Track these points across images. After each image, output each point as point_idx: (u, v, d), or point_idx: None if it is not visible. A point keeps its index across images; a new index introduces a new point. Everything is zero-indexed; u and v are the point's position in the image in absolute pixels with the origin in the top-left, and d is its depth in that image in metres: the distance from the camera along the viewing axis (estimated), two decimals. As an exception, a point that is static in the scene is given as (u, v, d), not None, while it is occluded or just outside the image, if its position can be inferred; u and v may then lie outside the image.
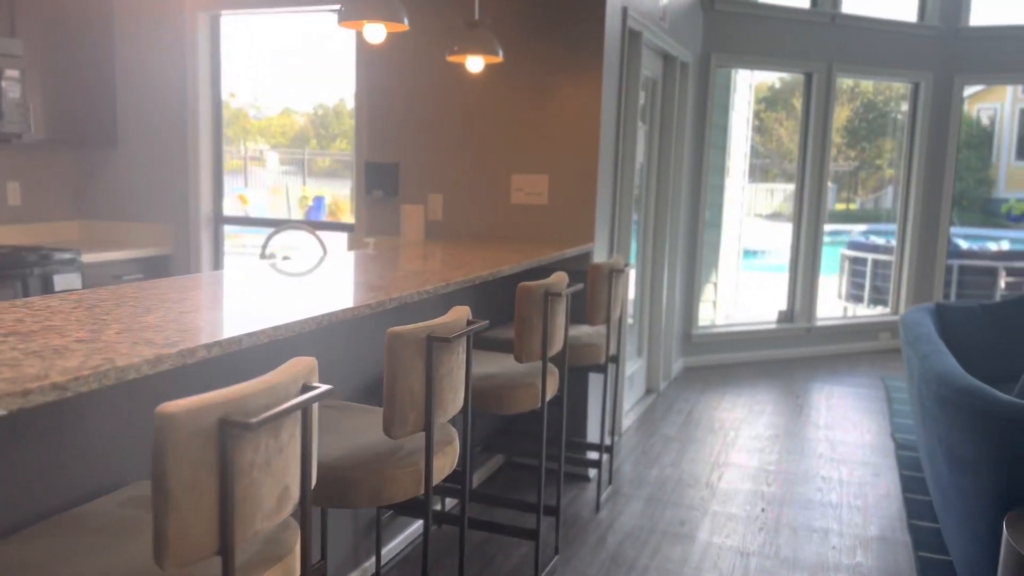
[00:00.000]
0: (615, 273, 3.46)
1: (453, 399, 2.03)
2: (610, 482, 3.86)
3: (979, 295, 7.36)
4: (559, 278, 2.87)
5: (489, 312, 3.74)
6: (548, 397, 2.85)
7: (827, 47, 6.45)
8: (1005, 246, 7.64)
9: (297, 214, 5.40)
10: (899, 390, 5.68)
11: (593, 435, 4.07)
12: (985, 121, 25.39)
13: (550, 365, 2.90)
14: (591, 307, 3.37)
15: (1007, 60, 6.70)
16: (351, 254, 3.20)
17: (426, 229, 4.07)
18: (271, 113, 5.60)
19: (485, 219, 4.06)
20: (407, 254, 3.20)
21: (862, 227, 19.27)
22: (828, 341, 6.77)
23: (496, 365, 2.92)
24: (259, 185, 5.56)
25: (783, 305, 6.86)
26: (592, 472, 3.96)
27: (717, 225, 7.57)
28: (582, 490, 3.83)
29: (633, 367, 5.21)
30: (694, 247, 6.12)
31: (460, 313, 2.05)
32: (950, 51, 6.80)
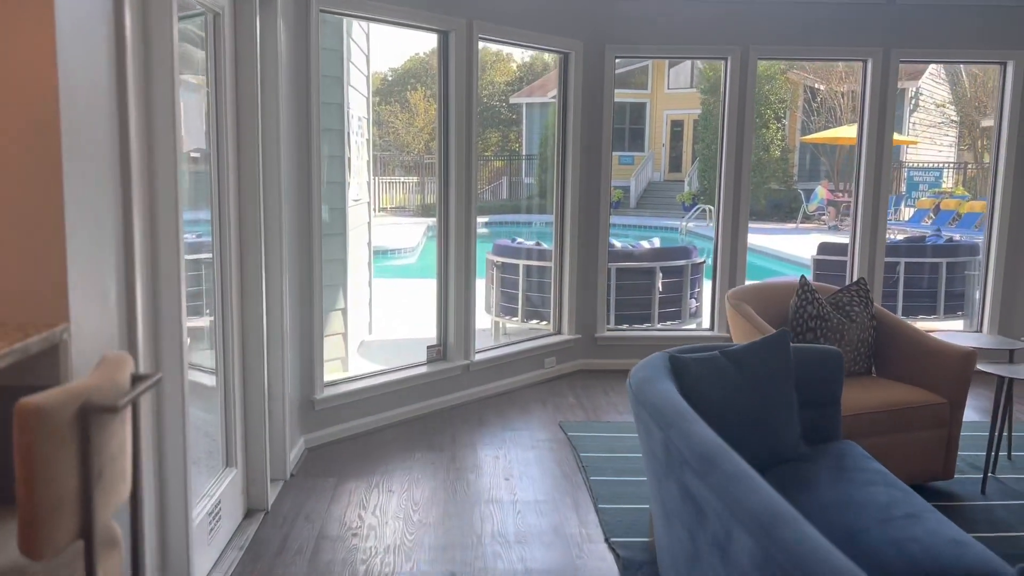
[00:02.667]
0: (99, 417, 1.41)
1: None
2: None
3: (640, 300, 6.49)
4: None
5: None
6: None
7: (466, 2, 4.92)
8: (657, 243, 6.90)
9: None
10: (586, 446, 4.36)
11: None
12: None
13: None
14: (27, 519, 1.30)
15: (656, 32, 5.79)
16: None
17: None
18: None
19: None
20: None
21: (484, 219, 19.21)
22: (490, 378, 5.31)
23: None
24: None
25: (431, 330, 5.25)
26: None
27: (341, 234, 5.75)
28: None
29: (220, 488, 3.15)
30: (308, 272, 4.20)
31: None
32: (601, 19, 5.70)
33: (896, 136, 21.00)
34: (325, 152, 5.15)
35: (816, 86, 23.39)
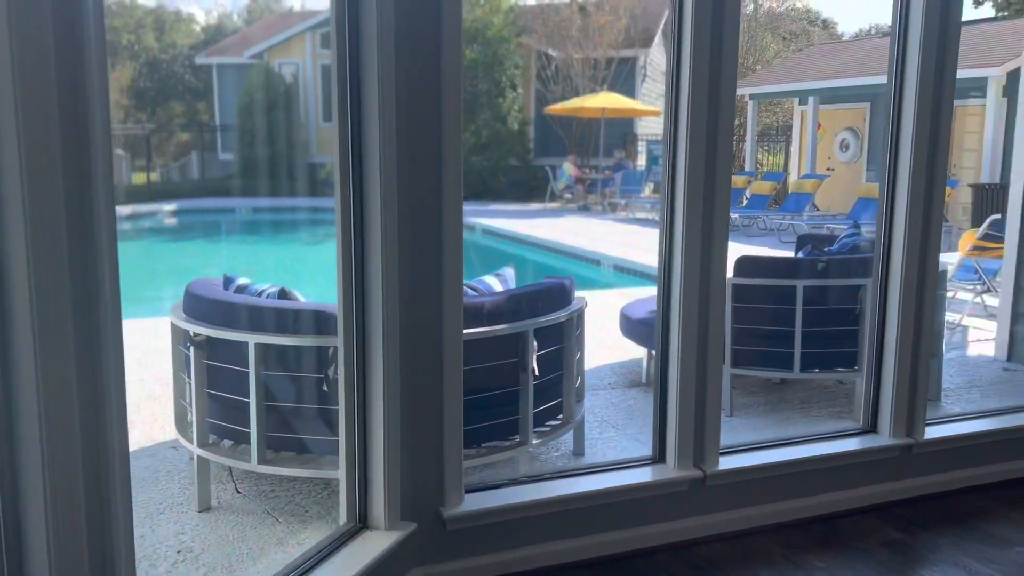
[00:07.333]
0: None
1: None
2: None
3: (497, 400, 3.29)
4: None
5: None
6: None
7: None
8: (510, 276, 3.71)
9: None
10: None
11: None
12: (289, 79, 22.67)
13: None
14: None
15: None
16: None
17: None
18: None
19: None
20: None
21: (171, 206, 14.84)
22: None
23: None
24: None
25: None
26: None
27: None
28: None
29: None
30: None
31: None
32: None
33: (638, 106, 19.20)
34: None
35: (551, 52, 21.48)
